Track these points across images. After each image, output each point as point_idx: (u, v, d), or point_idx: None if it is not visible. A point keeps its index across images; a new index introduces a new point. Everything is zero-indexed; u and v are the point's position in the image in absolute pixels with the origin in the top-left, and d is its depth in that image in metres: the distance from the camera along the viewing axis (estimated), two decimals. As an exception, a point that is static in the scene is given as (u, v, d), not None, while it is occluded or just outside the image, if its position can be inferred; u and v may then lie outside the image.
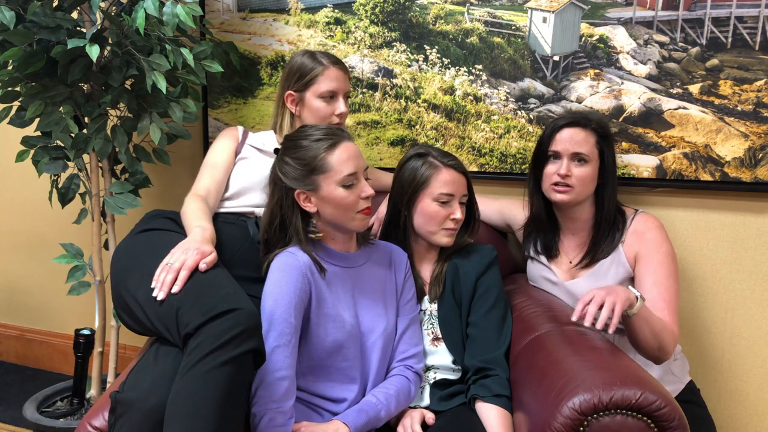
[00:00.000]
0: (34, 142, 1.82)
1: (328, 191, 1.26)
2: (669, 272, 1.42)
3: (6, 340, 2.58)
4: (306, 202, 1.29)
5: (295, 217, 1.30)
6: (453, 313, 1.41)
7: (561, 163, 1.46)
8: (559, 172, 1.45)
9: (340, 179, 1.25)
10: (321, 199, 1.27)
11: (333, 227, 1.32)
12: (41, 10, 1.58)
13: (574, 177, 1.45)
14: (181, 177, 2.21)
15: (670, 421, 1.02)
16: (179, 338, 1.08)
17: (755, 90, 1.60)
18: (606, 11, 1.70)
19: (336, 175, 1.25)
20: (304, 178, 1.27)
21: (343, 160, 1.26)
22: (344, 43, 1.94)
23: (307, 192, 1.28)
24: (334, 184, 1.26)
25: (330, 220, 1.30)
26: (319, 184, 1.26)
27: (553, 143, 1.48)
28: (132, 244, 1.31)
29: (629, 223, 1.49)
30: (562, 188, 1.46)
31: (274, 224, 1.33)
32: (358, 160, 1.28)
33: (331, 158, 1.26)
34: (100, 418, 1.11)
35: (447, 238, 1.43)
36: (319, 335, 1.26)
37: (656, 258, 1.43)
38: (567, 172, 1.45)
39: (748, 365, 1.70)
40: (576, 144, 1.45)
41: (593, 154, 1.46)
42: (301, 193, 1.28)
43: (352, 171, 1.26)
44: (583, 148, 1.45)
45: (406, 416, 1.32)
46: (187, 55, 1.62)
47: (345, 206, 1.27)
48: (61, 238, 2.41)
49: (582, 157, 1.45)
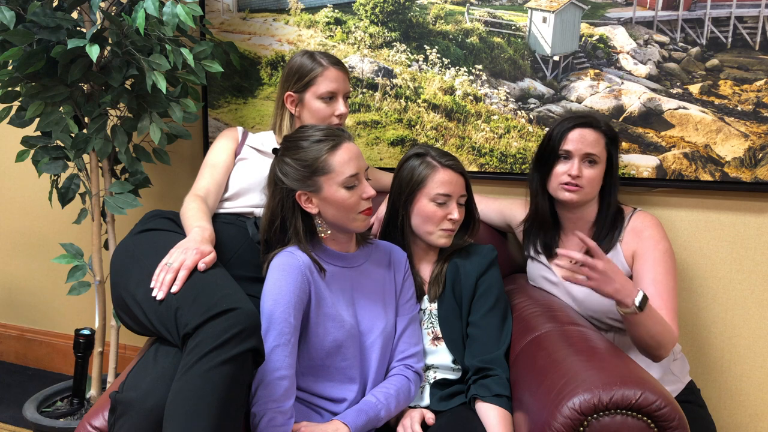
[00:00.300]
0: (34, 142, 1.82)
1: (330, 192, 1.26)
2: (667, 270, 1.42)
3: (6, 340, 2.58)
4: (307, 203, 1.29)
5: (295, 218, 1.30)
6: (453, 312, 1.41)
7: (572, 163, 1.46)
8: (570, 172, 1.45)
9: (342, 180, 1.25)
10: (323, 200, 1.27)
11: (334, 228, 1.32)
12: (41, 10, 1.58)
13: (584, 178, 1.45)
14: (181, 177, 2.21)
15: (670, 421, 1.02)
16: (178, 338, 1.08)
17: (755, 90, 1.60)
18: (606, 11, 1.70)
19: (338, 177, 1.25)
20: (305, 180, 1.27)
21: (345, 161, 1.26)
22: (344, 43, 1.94)
23: (309, 193, 1.28)
24: (336, 186, 1.25)
25: (331, 221, 1.30)
26: (321, 185, 1.26)
27: (565, 142, 1.47)
28: (131, 245, 1.31)
29: (627, 221, 1.49)
30: (572, 188, 1.46)
31: (275, 225, 1.32)
32: (359, 160, 1.28)
33: (332, 159, 1.25)
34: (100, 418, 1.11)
35: (444, 239, 1.42)
36: (319, 335, 1.26)
37: (654, 256, 1.43)
38: (578, 173, 1.45)
39: (748, 365, 1.70)
40: (588, 145, 1.45)
41: (603, 155, 1.47)
42: (303, 194, 1.28)
43: (353, 172, 1.26)
44: (594, 149, 1.45)
45: (406, 416, 1.32)
46: (187, 55, 1.62)
47: (347, 207, 1.27)
48: (61, 238, 2.41)
49: (593, 158, 1.46)
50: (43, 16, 1.58)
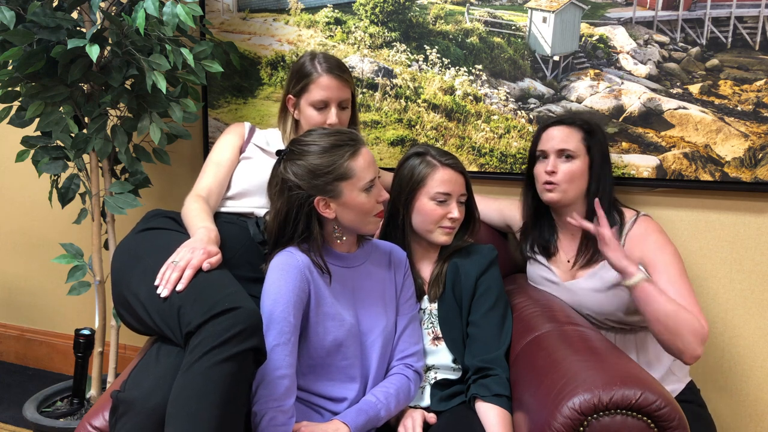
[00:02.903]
0: (34, 142, 1.82)
1: (351, 197, 1.26)
2: (679, 272, 1.42)
3: (6, 340, 2.58)
4: (325, 209, 1.27)
5: (312, 223, 1.28)
6: (453, 312, 1.41)
7: (548, 161, 1.49)
8: (546, 169, 1.48)
9: (363, 185, 1.26)
10: (342, 204, 1.27)
11: (348, 231, 1.32)
12: (41, 10, 1.58)
13: (560, 173, 1.48)
14: (181, 177, 2.21)
15: (670, 421, 1.02)
16: (181, 337, 1.08)
17: (755, 90, 1.60)
18: (606, 11, 1.70)
19: (359, 182, 1.26)
20: (325, 185, 1.25)
21: (366, 166, 1.26)
22: (344, 43, 1.94)
23: (327, 199, 1.26)
24: (357, 190, 1.26)
25: (347, 225, 1.30)
26: (342, 190, 1.25)
27: (540, 143, 1.52)
28: (133, 243, 1.31)
29: (630, 226, 1.48)
30: (549, 186, 1.49)
31: (287, 229, 1.29)
32: (375, 164, 1.30)
33: (354, 165, 1.25)
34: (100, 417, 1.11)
35: (444, 236, 1.43)
36: (319, 334, 1.26)
37: (663, 260, 1.43)
38: (553, 169, 1.48)
39: (748, 365, 1.70)
40: (560, 141, 1.48)
41: (580, 150, 1.48)
42: (321, 199, 1.26)
43: (373, 176, 1.27)
44: (568, 144, 1.48)
45: (408, 416, 1.32)
46: (187, 55, 1.62)
47: (364, 211, 1.28)
48: (61, 238, 2.41)
49: (567, 153, 1.48)
50: (43, 16, 1.58)
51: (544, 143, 1.51)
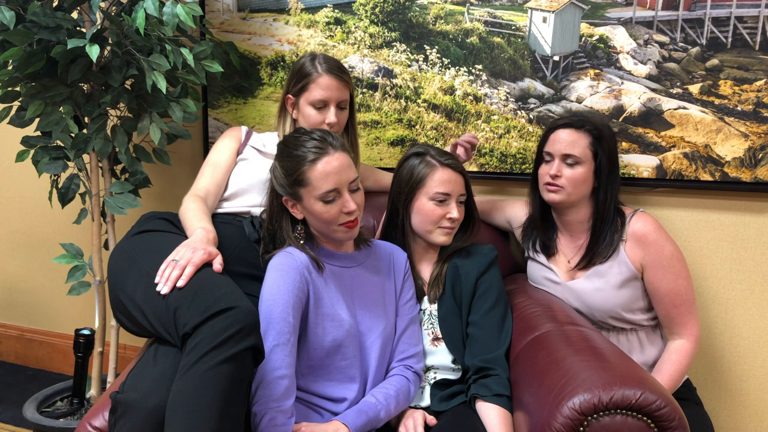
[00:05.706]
0: (34, 142, 1.82)
1: (309, 204, 1.26)
2: (677, 274, 1.44)
3: (6, 340, 2.58)
4: (293, 209, 1.30)
5: (285, 220, 1.32)
6: (453, 312, 1.41)
7: (553, 163, 1.48)
8: (550, 172, 1.47)
9: (319, 195, 1.24)
10: (304, 209, 1.28)
11: (321, 234, 1.33)
12: (41, 10, 1.58)
13: (564, 178, 1.47)
14: (181, 177, 2.21)
15: (670, 421, 1.02)
16: (178, 338, 1.08)
17: (755, 90, 1.60)
18: (606, 11, 1.70)
19: (315, 191, 1.24)
20: (289, 187, 1.28)
21: (323, 176, 1.23)
22: (344, 43, 1.94)
23: (293, 200, 1.29)
24: (314, 199, 1.25)
25: (316, 228, 1.32)
26: (301, 195, 1.26)
27: (547, 144, 1.51)
28: (128, 246, 1.31)
29: (627, 223, 1.49)
30: (552, 187, 1.48)
31: (273, 225, 1.34)
32: (340, 175, 1.24)
33: (310, 173, 1.23)
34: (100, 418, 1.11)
35: (444, 236, 1.43)
36: (318, 334, 1.26)
37: (662, 263, 1.44)
38: (557, 173, 1.47)
39: (748, 365, 1.70)
40: (567, 145, 1.46)
41: (586, 155, 1.46)
42: (288, 200, 1.30)
43: (331, 188, 1.23)
44: (574, 150, 1.46)
45: (408, 416, 1.32)
46: (187, 55, 1.62)
47: (325, 220, 1.26)
48: (61, 238, 2.41)
49: (573, 158, 1.46)
50: (43, 16, 1.58)
51: (550, 145, 1.49)
